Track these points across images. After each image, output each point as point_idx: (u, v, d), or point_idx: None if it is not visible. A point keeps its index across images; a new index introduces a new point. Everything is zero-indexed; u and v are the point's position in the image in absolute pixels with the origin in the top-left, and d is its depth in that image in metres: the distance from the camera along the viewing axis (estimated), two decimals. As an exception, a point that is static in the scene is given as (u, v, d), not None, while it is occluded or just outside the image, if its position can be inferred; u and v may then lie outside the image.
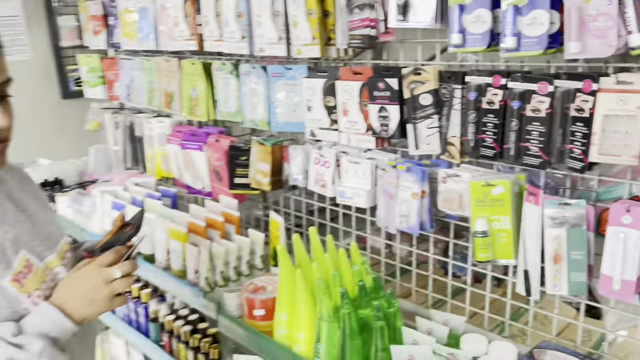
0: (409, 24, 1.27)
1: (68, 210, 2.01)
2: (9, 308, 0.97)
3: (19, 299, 0.98)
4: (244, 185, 1.85)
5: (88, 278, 0.99)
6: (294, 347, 1.22)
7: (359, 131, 1.48)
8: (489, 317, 1.37)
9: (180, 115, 2.10)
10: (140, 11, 2.12)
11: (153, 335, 1.73)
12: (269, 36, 1.62)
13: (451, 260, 1.49)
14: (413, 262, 1.59)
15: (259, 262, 1.58)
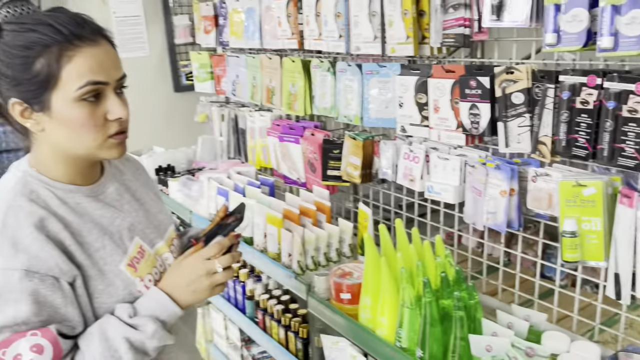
0: (502, 24, 1.29)
1: (178, 194, 2.22)
2: (125, 290, 1.04)
3: (133, 283, 1.05)
4: (336, 177, 1.94)
5: (193, 269, 1.05)
6: (376, 331, 1.29)
7: (449, 128, 1.51)
8: (578, 321, 1.36)
9: (279, 109, 2.24)
10: (247, 12, 2.28)
11: (249, 312, 1.88)
12: (365, 35, 1.69)
13: (539, 260, 1.48)
14: (500, 260, 1.60)
15: (347, 250, 1.66)
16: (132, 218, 1.12)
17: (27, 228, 0.97)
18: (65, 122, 0.98)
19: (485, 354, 1.04)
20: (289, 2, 2.02)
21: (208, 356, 2.27)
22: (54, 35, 0.95)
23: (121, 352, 0.98)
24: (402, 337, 1.21)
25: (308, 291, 1.49)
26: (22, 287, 0.94)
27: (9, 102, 0.98)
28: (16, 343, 0.93)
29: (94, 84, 0.97)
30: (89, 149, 1.01)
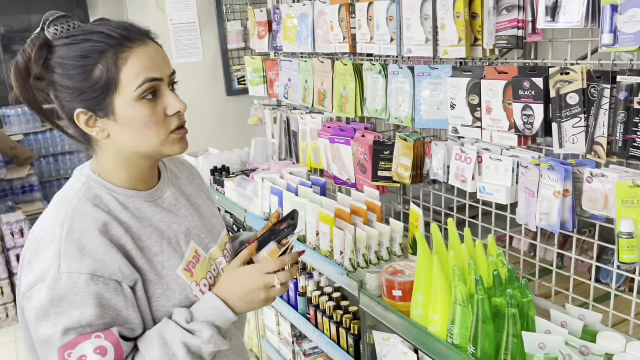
0: (557, 25, 1.29)
1: (233, 194, 2.31)
2: (182, 295, 1.07)
3: (189, 287, 1.08)
4: (387, 178, 1.98)
5: (253, 281, 1.07)
6: (429, 328, 1.32)
7: (501, 129, 1.52)
8: (635, 325, 1.34)
9: (330, 112, 2.30)
10: (300, 17, 2.35)
11: (301, 308, 1.94)
12: (417, 38, 1.72)
13: (594, 262, 1.47)
14: (554, 262, 1.59)
15: (397, 250, 1.69)
16: (188, 223, 1.15)
17: (93, 233, 1.00)
18: (129, 123, 1.02)
19: (539, 352, 1.05)
20: (341, 7, 2.07)
21: (260, 351, 2.34)
22: (107, 41, 0.99)
23: (179, 356, 1.01)
24: (454, 334, 1.23)
25: (360, 288, 1.53)
26: (87, 290, 0.96)
27: (74, 114, 1.02)
28: (81, 345, 0.96)
29: (151, 81, 1.00)
30: (154, 146, 1.04)
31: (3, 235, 3.78)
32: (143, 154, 1.07)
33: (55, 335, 0.96)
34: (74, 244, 0.98)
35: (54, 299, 0.96)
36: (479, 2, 1.54)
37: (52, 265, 0.97)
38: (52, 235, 1.00)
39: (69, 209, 1.02)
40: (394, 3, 1.79)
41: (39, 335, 0.98)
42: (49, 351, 0.97)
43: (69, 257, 0.97)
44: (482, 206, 1.74)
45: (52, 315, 0.96)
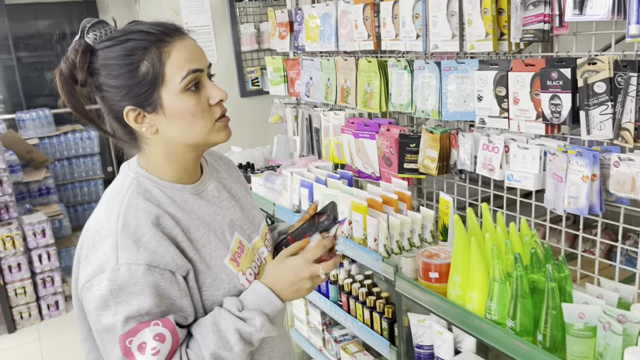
0: (585, 17, 1.37)
1: (260, 188, 2.38)
2: (230, 284, 1.11)
3: (236, 276, 1.12)
4: (413, 170, 2.05)
5: (299, 271, 1.10)
6: (466, 306, 1.39)
7: (529, 118, 1.60)
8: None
9: (353, 108, 2.37)
10: (323, 17, 2.42)
11: (332, 296, 2.01)
12: (443, 34, 1.80)
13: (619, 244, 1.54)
14: (579, 246, 1.66)
15: (428, 236, 1.77)
16: (231, 214, 1.19)
17: (146, 225, 1.03)
18: (177, 114, 1.05)
19: (578, 321, 1.12)
20: (365, 6, 2.15)
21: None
22: (149, 38, 1.03)
23: (232, 342, 1.05)
24: (493, 310, 1.31)
25: (395, 272, 1.60)
26: (145, 280, 1.00)
27: (123, 112, 1.06)
28: (141, 332, 1.00)
29: (194, 72, 1.04)
30: (202, 136, 1.08)
31: (25, 235, 3.85)
32: (191, 145, 1.11)
33: (116, 324, 1.00)
34: (129, 236, 1.02)
35: (114, 289, 1.00)
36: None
37: (111, 258, 1.01)
38: (108, 228, 1.04)
39: (122, 203, 1.07)
40: (419, 1, 1.87)
41: (100, 324, 1.02)
42: (110, 339, 1.02)
43: (126, 249, 1.01)
44: (506, 194, 1.82)
45: (112, 305, 1.00)
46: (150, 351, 1.00)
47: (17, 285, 3.84)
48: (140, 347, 1.00)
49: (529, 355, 1.20)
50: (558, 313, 1.16)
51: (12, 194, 3.90)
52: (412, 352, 1.65)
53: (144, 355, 1.00)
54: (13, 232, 3.78)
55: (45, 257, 3.93)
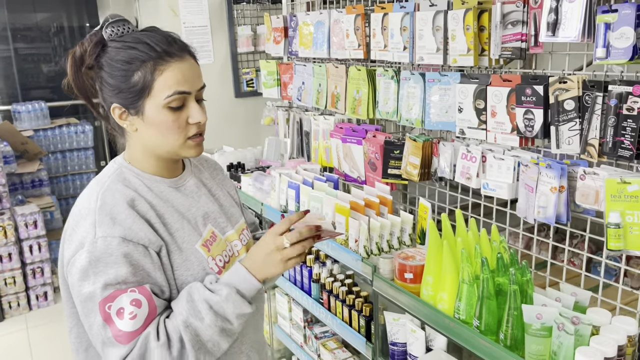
0: (557, 39, 1.46)
1: (249, 188, 2.46)
2: (199, 266, 1.21)
3: (206, 260, 1.23)
4: (396, 175, 2.14)
5: (266, 244, 1.20)
6: (437, 305, 1.47)
7: (505, 131, 1.69)
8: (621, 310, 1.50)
9: (343, 114, 2.45)
10: (317, 24, 2.51)
11: (314, 294, 2.09)
12: (428, 47, 1.88)
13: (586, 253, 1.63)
14: (549, 253, 1.75)
15: (407, 240, 1.85)
16: (206, 208, 1.30)
17: (122, 205, 1.15)
18: (154, 125, 1.17)
19: (536, 322, 1.20)
20: (357, 16, 2.23)
21: (271, 337, 2.49)
22: (150, 53, 1.14)
23: (203, 312, 1.13)
24: (461, 310, 1.39)
25: (374, 272, 1.69)
26: (119, 251, 1.11)
27: (111, 106, 1.19)
28: (119, 298, 1.09)
29: (180, 94, 1.16)
30: (172, 147, 1.20)
31: (17, 226, 3.90)
32: (161, 153, 1.22)
33: (96, 290, 1.10)
34: (106, 214, 1.14)
35: (92, 260, 1.10)
36: (486, 16, 1.71)
37: (89, 233, 1.13)
38: (88, 208, 1.16)
39: (102, 187, 1.19)
40: (407, 15, 1.96)
41: (82, 294, 1.12)
42: (92, 307, 1.11)
43: (103, 224, 1.13)
44: (484, 202, 1.91)
45: (92, 275, 1.10)
46: (127, 316, 1.09)
47: (7, 275, 3.89)
48: (119, 312, 1.09)
49: (491, 352, 1.29)
50: (518, 314, 1.25)
51: (5, 185, 3.96)
52: (387, 349, 1.73)
53: (122, 320, 1.09)
54: (5, 222, 3.83)
55: (36, 248, 3.99)
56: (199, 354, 1.14)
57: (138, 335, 1.10)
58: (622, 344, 1.14)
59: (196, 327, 1.13)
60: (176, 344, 1.12)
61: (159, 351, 1.10)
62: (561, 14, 1.43)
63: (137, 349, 1.09)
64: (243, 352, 1.30)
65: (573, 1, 1.41)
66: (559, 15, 1.44)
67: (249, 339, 1.32)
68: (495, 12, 1.63)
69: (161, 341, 1.11)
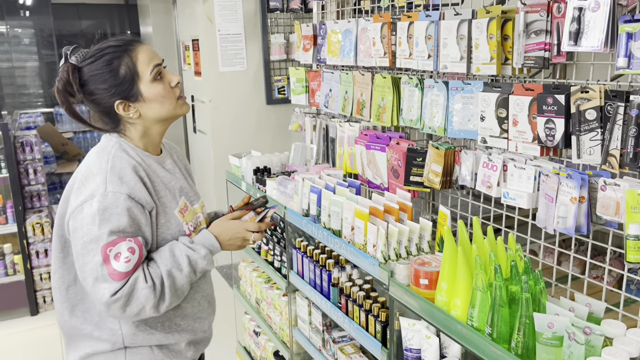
0: (579, 48, 1.45)
1: (274, 192, 2.51)
2: (177, 228, 1.51)
3: (181, 224, 1.53)
4: (418, 183, 2.14)
5: (237, 231, 1.59)
6: (451, 312, 1.47)
7: (526, 140, 1.68)
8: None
9: (368, 121, 2.48)
10: (345, 32, 2.55)
11: (333, 298, 2.11)
12: (452, 56, 1.89)
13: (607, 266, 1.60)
14: (570, 266, 1.73)
15: (425, 246, 1.85)
16: (181, 183, 1.60)
17: (128, 169, 1.43)
18: (153, 98, 1.46)
19: (547, 330, 1.20)
20: (383, 25, 2.26)
21: (291, 339, 2.51)
22: (119, 49, 1.43)
23: (183, 265, 1.44)
24: (474, 317, 1.39)
25: (390, 277, 1.70)
26: (125, 205, 1.37)
27: (114, 105, 1.45)
28: (119, 244, 1.35)
29: (157, 66, 1.47)
30: (171, 110, 1.50)
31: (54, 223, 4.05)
32: (165, 118, 1.51)
33: (102, 235, 1.34)
34: (115, 174, 1.40)
35: (101, 209, 1.35)
36: (510, 25, 1.71)
37: (100, 187, 1.38)
38: (99, 168, 1.42)
39: (110, 153, 1.46)
40: (432, 23, 1.98)
41: (89, 235, 1.35)
42: (93, 249, 1.35)
43: (113, 182, 1.39)
44: (506, 212, 1.89)
45: (99, 221, 1.35)
46: (123, 259, 1.35)
47: (43, 271, 4.05)
48: (116, 255, 1.34)
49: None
50: (530, 322, 1.24)
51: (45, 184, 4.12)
52: (402, 354, 1.73)
53: (118, 262, 1.35)
54: (43, 219, 3.99)
55: (71, 245, 4.12)
56: (173, 297, 1.43)
57: (128, 276, 1.35)
58: (635, 356, 1.12)
59: (175, 276, 1.43)
60: (159, 288, 1.40)
61: (146, 291, 1.37)
62: (584, 23, 1.43)
63: (127, 287, 1.35)
64: (196, 299, 1.60)
65: (596, 10, 1.40)
66: (581, 25, 1.43)
67: (201, 289, 1.62)
68: (519, 21, 1.63)
69: (149, 284, 1.38)
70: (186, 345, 1.58)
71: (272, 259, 2.62)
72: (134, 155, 1.48)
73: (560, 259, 2.33)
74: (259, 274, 2.98)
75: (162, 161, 1.58)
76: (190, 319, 1.57)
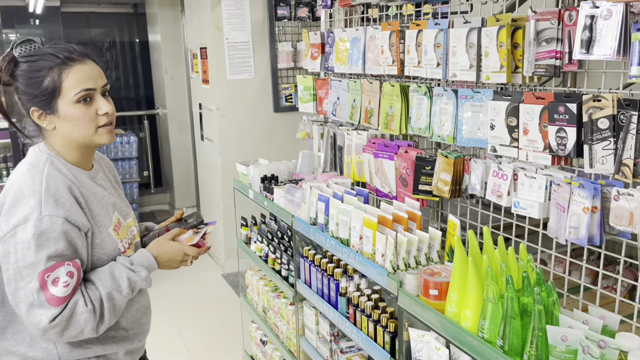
0: (591, 57, 1.44)
1: (281, 200, 2.49)
2: (112, 247, 1.49)
3: (116, 242, 1.51)
4: (427, 191, 2.13)
5: (176, 254, 1.60)
6: (461, 323, 1.45)
7: (537, 149, 1.66)
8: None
9: (376, 129, 2.47)
10: (353, 41, 2.54)
11: (341, 307, 2.09)
12: (462, 64, 1.88)
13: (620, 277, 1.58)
14: (582, 276, 1.70)
15: (435, 256, 1.83)
16: (114, 198, 1.57)
17: (63, 190, 1.38)
18: (68, 118, 1.40)
19: (561, 344, 1.17)
20: (392, 33, 2.25)
21: (298, 349, 2.49)
22: (54, 60, 1.38)
23: (123, 286, 1.44)
24: (485, 329, 1.37)
25: (399, 287, 1.68)
26: (62, 229, 1.34)
27: (30, 110, 1.42)
28: (58, 269, 1.33)
29: (86, 90, 1.40)
30: (86, 136, 1.44)
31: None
32: (80, 142, 1.46)
33: (40, 261, 1.32)
34: (50, 196, 1.36)
35: (36, 234, 1.32)
36: (520, 33, 1.69)
37: (35, 210, 1.33)
38: (32, 189, 1.36)
39: (42, 172, 1.40)
40: (441, 31, 1.97)
41: (24, 261, 1.31)
42: (28, 275, 1.32)
43: (48, 205, 1.35)
44: (516, 222, 1.87)
45: (35, 247, 1.31)
46: (62, 284, 1.33)
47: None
48: (54, 281, 1.32)
49: (514, 373, 1.26)
50: (543, 335, 1.22)
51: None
52: (411, 366, 1.71)
53: (56, 287, 1.33)
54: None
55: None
56: (112, 318, 1.43)
57: (67, 300, 1.34)
58: (651, 371, 1.10)
59: (115, 298, 1.43)
60: (98, 310, 1.40)
61: (86, 315, 1.37)
62: (596, 31, 1.41)
63: (67, 311, 1.34)
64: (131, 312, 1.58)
65: (608, 18, 1.39)
66: (593, 33, 1.42)
67: (136, 302, 1.61)
68: (529, 29, 1.62)
69: (88, 307, 1.37)
70: (124, 354, 1.58)
71: (279, 268, 2.61)
72: (66, 172, 1.43)
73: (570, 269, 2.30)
74: (265, 282, 2.96)
75: (94, 176, 1.53)
76: (125, 331, 1.57)
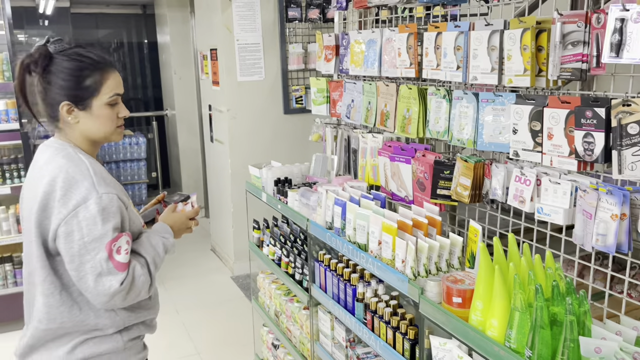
0: (622, 60, 1.40)
1: (295, 203, 2.47)
2: (137, 222, 1.67)
3: (139, 218, 1.72)
4: (445, 196, 2.09)
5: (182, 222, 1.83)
6: (486, 332, 1.42)
7: (562, 154, 1.63)
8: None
9: (391, 132, 2.44)
10: (369, 43, 2.51)
11: (358, 313, 2.06)
12: (483, 67, 1.85)
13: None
14: (607, 284, 1.67)
15: (456, 262, 1.80)
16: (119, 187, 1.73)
17: (105, 173, 1.58)
18: (98, 117, 1.58)
19: (594, 355, 1.14)
20: (410, 35, 2.22)
21: (312, 355, 2.46)
22: (98, 65, 1.57)
23: (160, 250, 1.66)
24: (512, 338, 1.33)
25: (420, 294, 1.65)
26: (117, 204, 1.53)
27: (61, 103, 1.54)
28: (121, 238, 1.52)
29: (117, 95, 1.61)
30: (107, 133, 1.62)
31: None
32: (96, 138, 1.62)
33: (107, 232, 1.49)
34: (100, 178, 1.53)
35: (100, 210, 1.49)
36: (544, 36, 1.66)
37: (92, 191, 1.50)
38: (82, 174, 1.52)
39: (82, 159, 1.55)
40: (462, 34, 1.94)
41: (91, 235, 1.48)
42: (96, 247, 1.48)
43: (101, 185, 1.52)
44: (538, 228, 1.84)
45: (101, 221, 1.49)
46: (124, 252, 1.52)
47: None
48: (118, 249, 1.51)
49: (544, 385, 1.23)
50: (575, 346, 1.18)
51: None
52: (432, 374, 1.68)
53: (120, 255, 1.51)
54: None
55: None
56: (154, 280, 1.63)
57: (129, 266, 1.53)
58: (689, 385, 1.06)
59: (157, 262, 1.64)
60: (148, 273, 1.59)
61: (143, 278, 1.56)
62: (626, 34, 1.38)
63: (130, 276, 1.53)
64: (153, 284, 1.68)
65: (638, 22, 1.35)
66: (623, 36, 1.39)
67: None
68: (555, 32, 1.59)
69: (144, 270, 1.57)
70: (151, 321, 1.78)
71: (292, 272, 2.58)
72: (92, 160, 1.60)
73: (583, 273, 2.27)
74: (278, 286, 2.94)
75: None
76: (151, 300, 1.76)
